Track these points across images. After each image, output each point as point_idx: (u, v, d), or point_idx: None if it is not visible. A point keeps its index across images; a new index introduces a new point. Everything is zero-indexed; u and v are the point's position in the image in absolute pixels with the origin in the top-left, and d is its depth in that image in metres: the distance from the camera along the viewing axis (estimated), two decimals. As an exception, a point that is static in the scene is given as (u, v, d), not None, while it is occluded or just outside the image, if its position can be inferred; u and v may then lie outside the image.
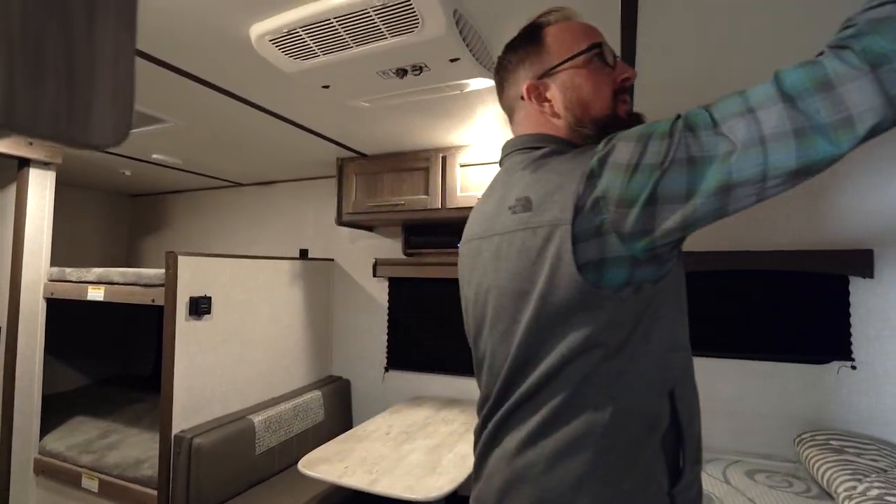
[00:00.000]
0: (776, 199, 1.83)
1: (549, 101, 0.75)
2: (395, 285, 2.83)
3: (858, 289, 1.99)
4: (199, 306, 1.99)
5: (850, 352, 1.98)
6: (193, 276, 2.01)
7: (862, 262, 1.94)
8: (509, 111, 0.84)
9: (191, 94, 1.66)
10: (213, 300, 2.07)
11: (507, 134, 2.17)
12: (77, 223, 3.47)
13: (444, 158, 2.32)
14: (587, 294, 0.62)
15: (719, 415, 2.12)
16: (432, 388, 2.68)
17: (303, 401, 2.46)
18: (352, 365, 2.91)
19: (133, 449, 2.16)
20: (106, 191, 3.68)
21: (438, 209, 2.32)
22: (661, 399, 0.66)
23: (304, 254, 3.07)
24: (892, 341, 1.93)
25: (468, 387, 2.59)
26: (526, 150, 0.76)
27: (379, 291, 2.87)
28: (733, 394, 2.12)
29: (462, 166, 2.29)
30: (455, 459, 1.77)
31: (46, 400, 2.37)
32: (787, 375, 2.06)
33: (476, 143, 2.25)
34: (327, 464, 1.74)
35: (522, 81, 0.77)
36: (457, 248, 2.49)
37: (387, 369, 2.81)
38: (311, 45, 1.21)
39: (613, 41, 1.28)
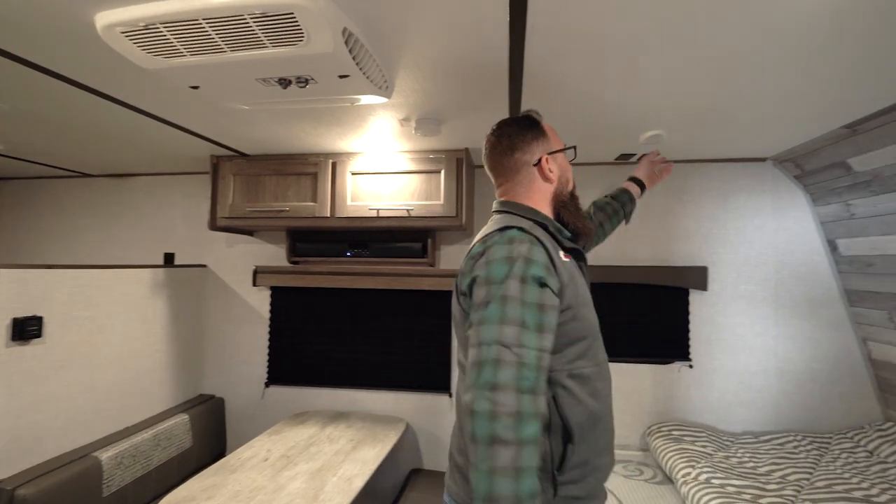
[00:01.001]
0: (639, 221, 2.02)
1: (552, 171, 1.07)
2: (278, 295, 2.65)
3: (696, 299, 2.33)
4: (26, 329, 1.66)
5: (689, 353, 2.32)
6: (18, 293, 1.66)
7: (699, 276, 2.28)
8: (508, 170, 1.09)
9: (15, 75, 1.36)
10: (44, 321, 1.73)
11: (402, 144, 2.11)
12: None
13: (334, 165, 2.22)
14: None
15: (587, 413, 2.35)
16: (318, 403, 2.57)
17: (166, 427, 2.18)
18: (227, 382, 2.66)
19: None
20: None
21: (327, 217, 2.21)
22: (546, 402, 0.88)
23: (169, 259, 2.73)
24: (718, 344, 2.30)
25: (356, 399, 2.53)
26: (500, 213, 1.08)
27: (259, 301, 2.66)
28: (599, 393, 2.35)
29: (353, 174, 2.21)
30: (340, 483, 1.71)
31: None
32: (640, 375, 2.34)
33: (368, 151, 2.19)
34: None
35: (538, 153, 1.07)
36: (346, 256, 2.42)
37: (267, 385, 2.62)
38: (176, 44, 1.05)
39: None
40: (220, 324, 2.68)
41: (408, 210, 2.12)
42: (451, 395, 2.45)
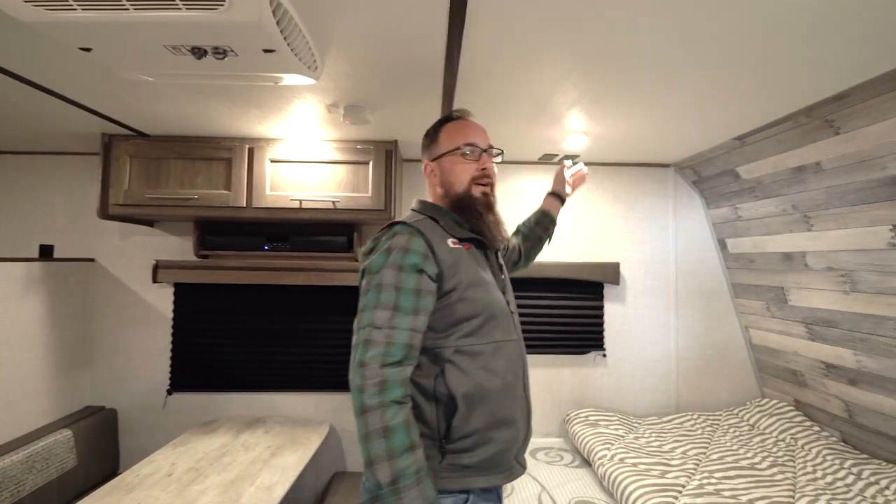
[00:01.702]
0: (560, 221, 2.11)
1: (435, 174, 1.17)
2: (184, 292, 2.40)
3: (609, 293, 2.50)
4: None
5: (603, 343, 2.48)
6: None
7: (612, 271, 2.45)
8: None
9: None
10: None
11: (328, 132, 2.03)
12: None
13: (251, 150, 2.05)
14: None
15: (511, 404, 2.41)
16: (230, 409, 2.37)
17: (43, 446, 1.88)
18: (120, 391, 2.36)
19: None
20: None
21: (243, 208, 2.04)
22: (432, 378, 0.99)
23: (46, 252, 2.35)
24: (628, 334, 2.49)
25: (273, 402, 2.37)
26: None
27: (160, 300, 2.39)
28: (522, 385, 2.43)
29: (273, 161, 2.05)
30: (258, 493, 1.58)
31: None
32: (561, 365, 2.46)
33: (291, 137, 2.05)
34: (81, 532, 1.36)
35: (425, 157, 1.19)
36: (264, 250, 2.26)
37: (170, 392, 2.37)
38: (63, -7, 0.89)
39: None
40: (111, 326, 2.37)
41: (333, 202, 2.02)
42: (376, 394, 2.38)
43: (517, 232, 1.55)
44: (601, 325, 2.49)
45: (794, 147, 1.81)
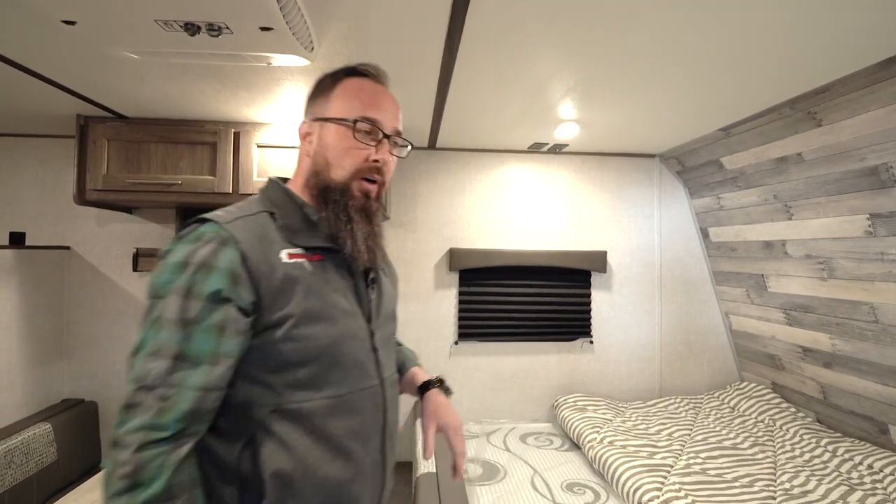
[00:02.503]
0: (549, 209, 2.08)
1: (309, 141, 0.83)
2: (167, 281, 2.33)
3: (596, 281, 2.54)
4: None
5: (590, 330, 2.52)
6: None
7: (599, 260, 2.48)
8: None
9: None
10: None
11: None
12: None
13: (237, 135, 1.99)
14: None
15: (502, 389, 2.44)
16: (216, 399, 2.33)
17: (21, 440, 1.81)
18: (100, 383, 2.28)
19: None
20: None
21: (229, 194, 1.98)
22: (236, 448, 0.73)
23: (17, 240, 2.24)
24: (614, 321, 2.54)
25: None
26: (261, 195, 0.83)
27: (141, 289, 2.31)
28: (511, 370, 2.46)
29: (259, 147, 2.00)
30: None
31: None
32: (548, 352, 2.50)
33: (278, 122, 2.00)
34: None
35: (308, 115, 0.85)
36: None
37: (153, 383, 2.30)
38: (47, -40, 0.84)
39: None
40: (89, 316, 2.29)
41: (323, 188, 1.98)
42: (366, 382, 2.38)
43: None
44: (588, 312, 2.53)
45: (778, 138, 1.87)
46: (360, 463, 0.76)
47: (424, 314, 2.42)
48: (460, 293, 2.43)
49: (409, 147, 0.89)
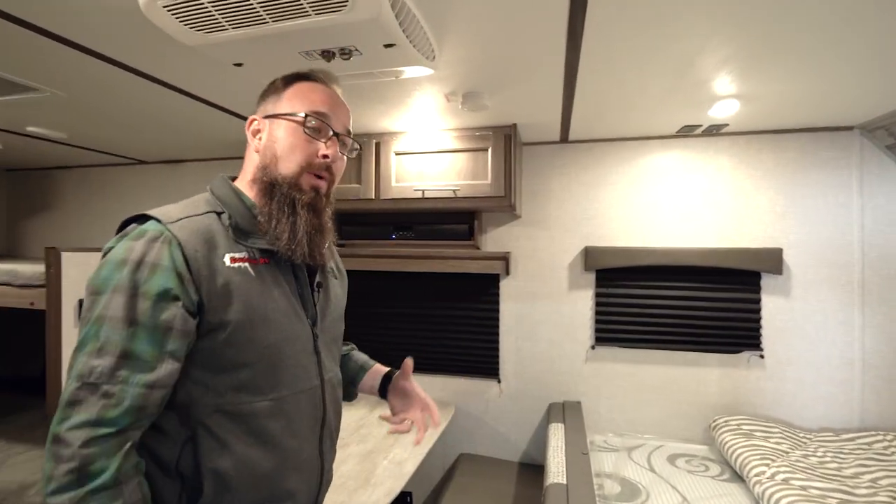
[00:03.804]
0: (704, 199, 1.80)
1: (259, 137, 0.84)
2: (325, 278, 2.65)
3: (768, 284, 2.13)
4: (91, 311, 1.72)
5: (760, 342, 2.13)
6: (84, 274, 1.72)
7: (772, 259, 2.08)
8: None
9: (69, 61, 1.37)
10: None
11: (447, 121, 2.02)
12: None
13: (377, 145, 2.16)
14: None
15: (646, 402, 2.22)
16: (365, 385, 2.58)
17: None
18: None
19: (18, 471, 1.87)
20: (-28, 165, 3.09)
21: (372, 199, 2.17)
22: (177, 447, 0.75)
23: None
24: (794, 332, 2.10)
25: (403, 382, 2.52)
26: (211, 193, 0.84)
27: (307, 284, 2.67)
28: (657, 382, 2.22)
29: (397, 154, 2.15)
30: (390, 468, 1.69)
31: None
32: (705, 364, 2.18)
33: (411, 130, 2.12)
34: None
35: (259, 112, 0.87)
36: (391, 239, 2.38)
37: (316, 366, 2.65)
38: (218, 17, 1.01)
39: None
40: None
41: (454, 190, 2.04)
42: (499, 381, 2.39)
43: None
44: (758, 321, 2.14)
45: None
46: (297, 460, 0.80)
47: (558, 316, 2.33)
48: (597, 294, 2.27)
49: (359, 148, 0.92)
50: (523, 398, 2.35)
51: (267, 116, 0.84)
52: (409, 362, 1.04)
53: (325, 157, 0.82)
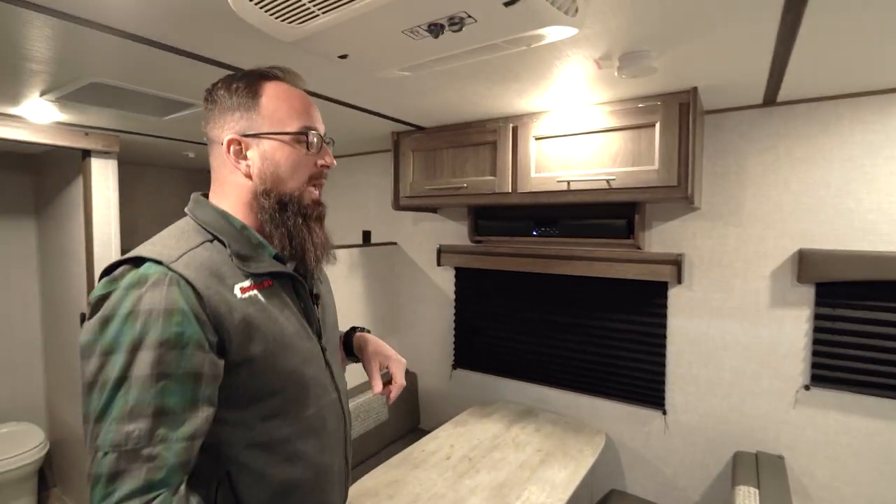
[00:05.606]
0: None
1: (248, 160, 0.78)
2: (462, 276, 2.50)
3: None
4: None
5: None
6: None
7: None
8: (209, 143, 0.82)
9: (205, 73, 1.41)
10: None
11: (599, 94, 1.59)
12: (153, 200, 3.49)
13: (514, 129, 1.87)
14: None
15: (893, 476, 1.55)
16: (504, 394, 2.37)
17: (365, 399, 2.28)
18: (417, 358, 2.68)
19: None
20: (180, 168, 3.69)
21: (508, 193, 1.90)
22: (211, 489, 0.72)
23: (367, 237, 2.84)
24: None
25: (544, 396, 2.24)
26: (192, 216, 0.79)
27: (445, 281, 2.56)
28: (917, 446, 1.53)
29: (537, 139, 1.83)
30: (523, 511, 1.46)
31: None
32: None
33: (556, 108, 1.77)
34: (373, 500, 1.52)
35: (227, 130, 0.78)
36: (532, 235, 2.08)
37: (454, 366, 2.54)
38: (306, 3, 0.85)
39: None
40: (410, 302, 2.70)
41: (608, 180, 1.65)
42: (664, 413, 1.93)
43: None
44: None
45: None
46: (331, 472, 0.82)
47: (753, 340, 1.75)
48: (817, 316, 1.64)
49: (332, 142, 0.88)
50: (696, 438, 1.87)
51: (250, 135, 0.77)
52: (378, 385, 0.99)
53: (325, 166, 0.83)
